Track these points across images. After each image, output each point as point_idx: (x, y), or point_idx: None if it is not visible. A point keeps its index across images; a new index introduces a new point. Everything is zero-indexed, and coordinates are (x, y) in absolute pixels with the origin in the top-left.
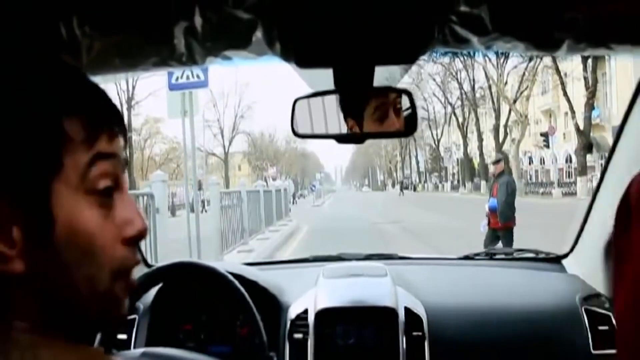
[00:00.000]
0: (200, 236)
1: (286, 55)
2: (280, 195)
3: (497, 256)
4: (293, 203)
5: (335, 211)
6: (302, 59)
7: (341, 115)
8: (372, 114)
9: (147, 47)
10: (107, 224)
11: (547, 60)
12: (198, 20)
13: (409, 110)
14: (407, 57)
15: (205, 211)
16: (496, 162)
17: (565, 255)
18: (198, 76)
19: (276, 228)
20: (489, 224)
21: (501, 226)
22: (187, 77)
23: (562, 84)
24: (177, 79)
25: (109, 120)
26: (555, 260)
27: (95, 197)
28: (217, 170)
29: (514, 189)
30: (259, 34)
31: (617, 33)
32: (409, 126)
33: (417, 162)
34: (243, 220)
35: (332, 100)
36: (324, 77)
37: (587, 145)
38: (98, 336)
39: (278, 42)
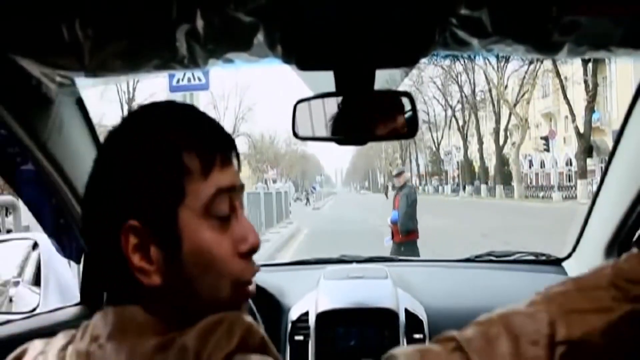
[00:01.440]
0: None
1: (287, 58)
2: (281, 197)
3: (498, 259)
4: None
5: (335, 213)
6: (304, 61)
7: (342, 118)
8: (372, 116)
9: (149, 49)
10: (224, 242)
11: (548, 63)
12: (200, 23)
13: (410, 113)
14: (407, 60)
15: None
16: (398, 174)
17: (566, 258)
18: (199, 78)
19: (276, 230)
20: (392, 237)
21: (402, 238)
22: (189, 80)
23: (563, 87)
24: (178, 81)
25: (220, 149)
26: (556, 263)
27: (215, 221)
28: None
29: (414, 200)
30: (260, 37)
31: (618, 36)
32: (410, 128)
33: (418, 165)
34: None
35: (333, 103)
36: (325, 80)
37: (587, 149)
38: None
39: (279, 45)
